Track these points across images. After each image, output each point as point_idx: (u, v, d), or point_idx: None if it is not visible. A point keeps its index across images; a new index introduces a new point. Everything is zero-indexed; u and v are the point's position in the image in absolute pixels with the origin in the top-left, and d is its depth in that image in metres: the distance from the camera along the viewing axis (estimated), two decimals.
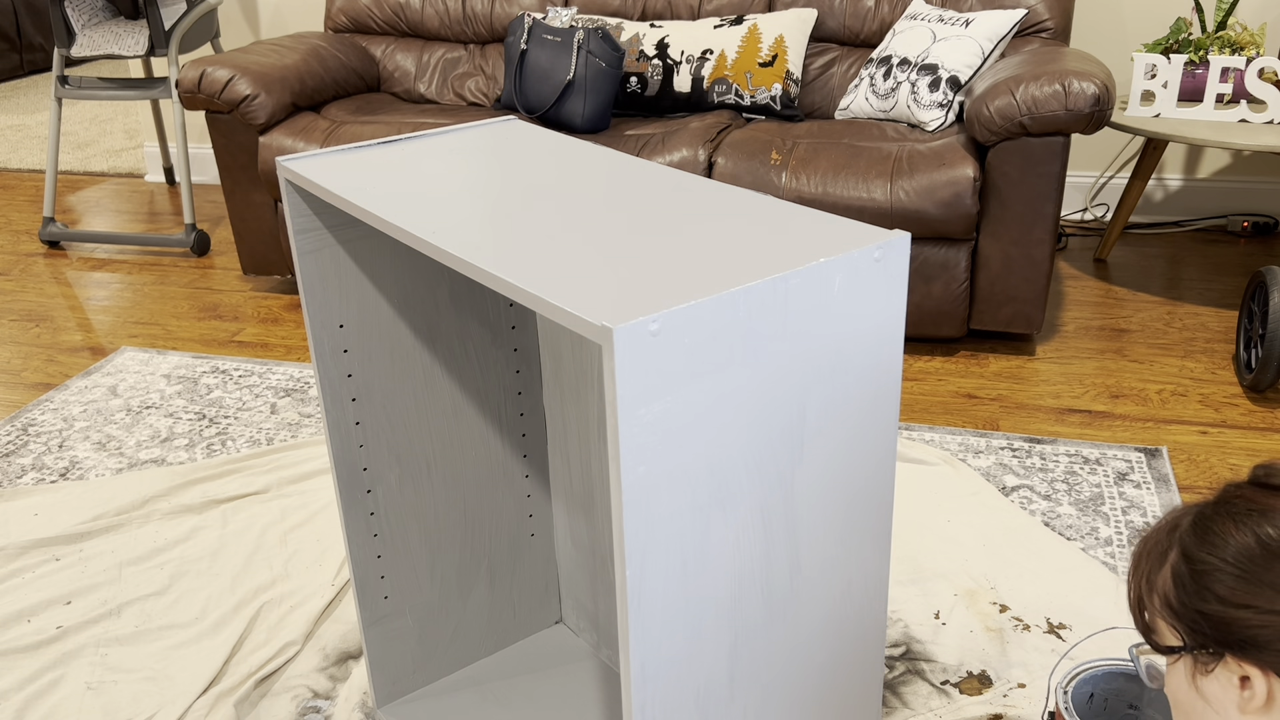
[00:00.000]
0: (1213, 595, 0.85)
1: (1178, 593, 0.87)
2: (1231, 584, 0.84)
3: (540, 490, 1.66)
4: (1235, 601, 0.83)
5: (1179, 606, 0.87)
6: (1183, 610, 0.87)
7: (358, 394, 1.44)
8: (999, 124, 2.48)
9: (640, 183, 1.18)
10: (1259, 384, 2.41)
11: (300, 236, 1.33)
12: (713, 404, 0.91)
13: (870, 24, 3.11)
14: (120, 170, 4.56)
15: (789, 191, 2.61)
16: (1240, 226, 3.43)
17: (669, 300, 0.86)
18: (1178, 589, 0.87)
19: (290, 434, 2.43)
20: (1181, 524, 0.91)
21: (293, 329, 3.00)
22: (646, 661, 0.95)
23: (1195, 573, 0.86)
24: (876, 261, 0.98)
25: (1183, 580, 0.87)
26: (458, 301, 1.48)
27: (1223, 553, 0.85)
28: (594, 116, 2.89)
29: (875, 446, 1.07)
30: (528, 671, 1.68)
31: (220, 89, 2.92)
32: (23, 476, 2.30)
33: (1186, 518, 0.91)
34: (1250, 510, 0.86)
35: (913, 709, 1.61)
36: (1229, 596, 0.84)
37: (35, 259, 3.61)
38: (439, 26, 3.42)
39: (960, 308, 2.64)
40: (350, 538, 1.50)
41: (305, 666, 1.73)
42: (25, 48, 6.64)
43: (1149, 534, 0.95)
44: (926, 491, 2.13)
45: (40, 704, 1.67)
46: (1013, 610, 1.80)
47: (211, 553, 2.02)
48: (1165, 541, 0.91)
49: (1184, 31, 3.06)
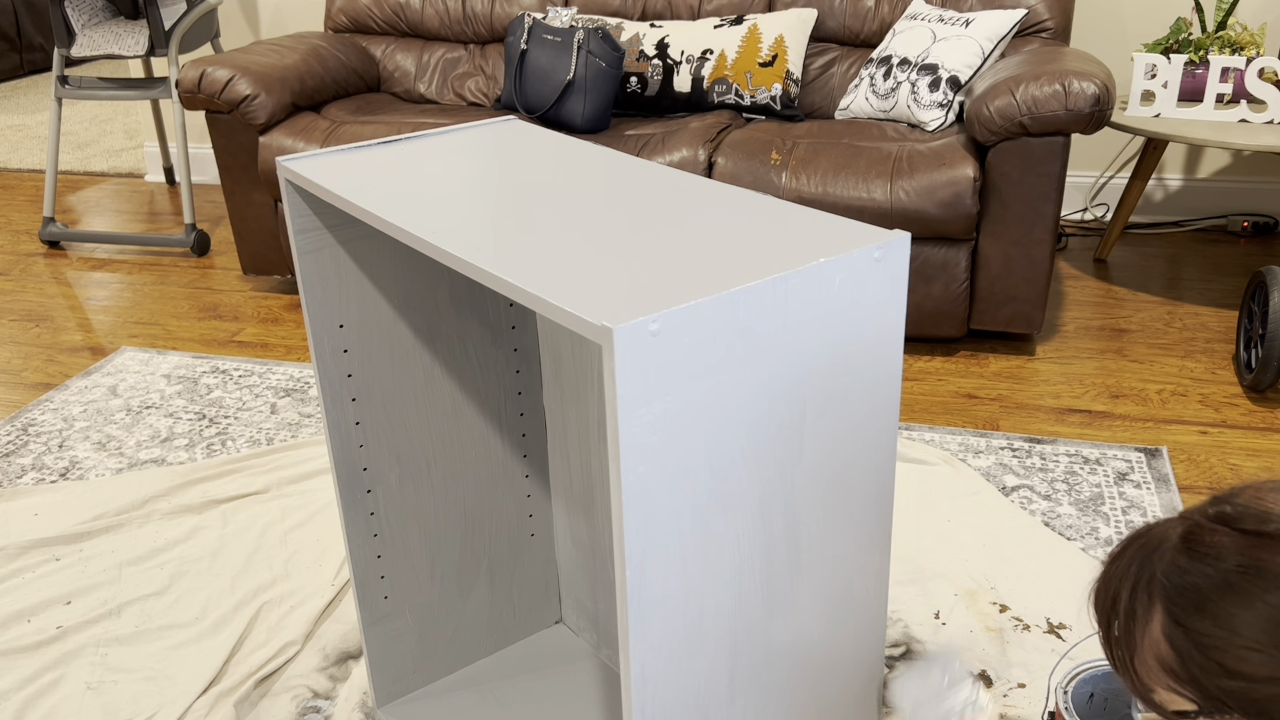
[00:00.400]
0: (1231, 673, 0.77)
1: (1183, 664, 0.80)
2: (1251, 660, 0.76)
3: (540, 490, 1.66)
4: (1261, 676, 0.76)
5: (1186, 676, 0.80)
6: (1192, 680, 0.80)
7: (358, 394, 1.44)
8: (999, 124, 2.48)
9: (640, 183, 1.18)
10: (1259, 384, 2.41)
11: (300, 236, 1.33)
12: (713, 404, 0.91)
13: (870, 24, 3.11)
14: (120, 170, 4.56)
15: (789, 191, 2.61)
16: (1240, 226, 3.43)
17: (669, 300, 0.86)
18: (1182, 660, 0.80)
19: (290, 434, 2.43)
20: (1155, 575, 0.82)
21: (293, 329, 3.00)
22: (646, 661, 0.95)
23: (1201, 647, 0.78)
24: (876, 261, 0.98)
25: (1185, 652, 0.79)
26: (458, 301, 1.48)
27: (1229, 625, 0.77)
28: (594, 116, 2.89)
29: (875, 446, 1.07)
30: (528, 671, 1.68)
31: (220, 89, 2.92)
32: (23, 476, 2.30)
33: (1158, 567, 0.82)
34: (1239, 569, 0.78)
35: None
36: (1254, 674, 0.76)
37: (35, 259, 3.61)
38: (439, 26, 3.42)
39: (960, 308, 2.65)
40: (350, 538, 1.50)
41: (305, 666, 1.73)
42: (25, 48, 6.64)
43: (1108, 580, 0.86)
44: (926, 491, 2.13)
45: (40, 704, 1.67)
46: (1013, 610, 1.80)
47: (211, 553, 2.02)
48: (1142, 597, 0.83)
49: (1184, 31, 3.06)
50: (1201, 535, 0.81)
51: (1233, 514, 0.81)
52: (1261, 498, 0.81)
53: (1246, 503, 0.81)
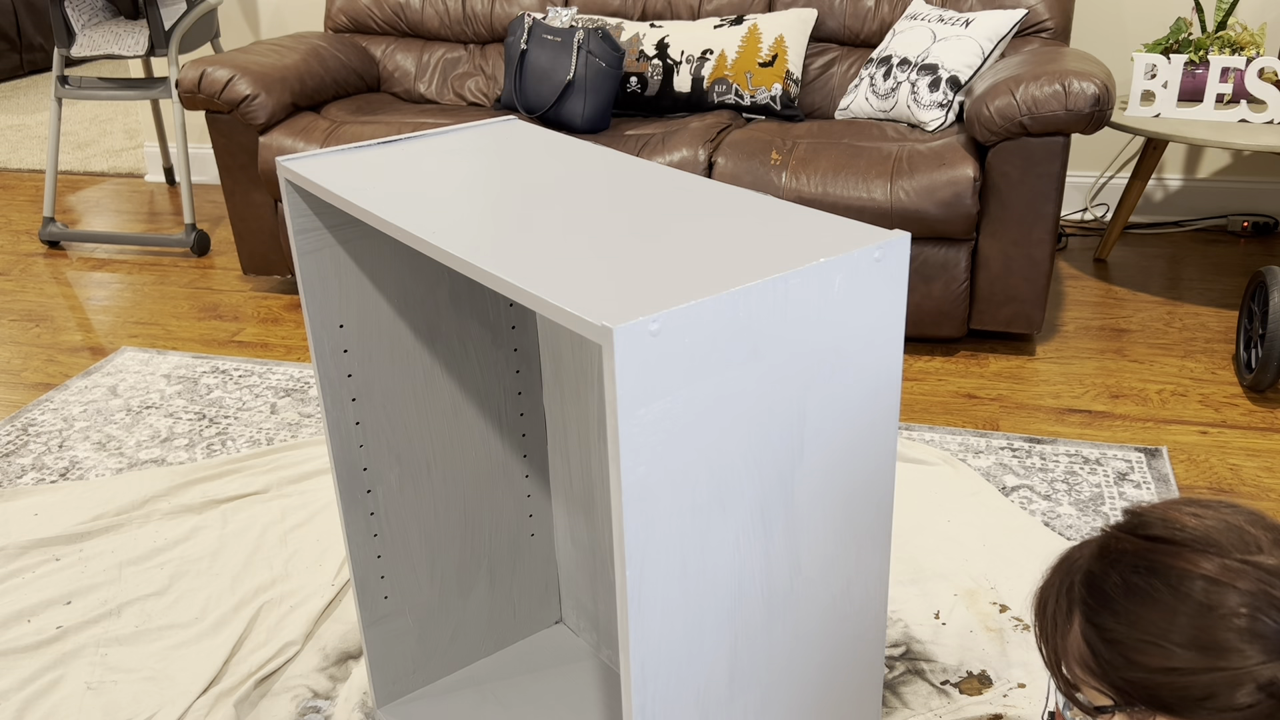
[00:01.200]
0: (1133, 664, 0.84)
1: (1096, 660, 0.87)
2: (1148, 652, 0.83)
3: (540, 490, 1.66)
4: (1155, 667, 0.83)
5: (1099, 671, 0.87)
6: (1104, 675, 0.86)
7: (358, 394, 1.44)
8: (999, 124, 2.48)
9: (640, 183, 1.18)
10: (1259, 384, 2.41)
11: (300, 236, 1.33)
12: (713, 404, 0.91)
13: (870, 24, 3.11)
14: (120, 170, 4.56)
15: (789, 191, 2.61)
16: (1240, 226, 3.43)
17: (669, 300, 0.86)
18: (1095, 656, 0.87)
19: (290, 434, 2.43)
20: (1074, 582, 0.90)
21: (293, 329, 3.00)
22: (646, 661, 0.95)
23: (1107, 641, 0.86)
24: (876, 261, 0.98)
25: (1095, 648, 0.87)
26: (458, 301, 1.48)
27: (1129, 620, 0.84)
28: (594, 116, 2.89)
29: (875, 446, 1.07)
30: (528, 671, 1.68)
31: (220, 89, 2.92)
32: (23, 476, 2.30)
33: (1076, 574, 0.90)
34: (1138, 567, 0.85)
35: (913, 709, 1.61)
36: (1148, 663, 0.83)
37: (35, 259, 3.61)
38: (439, 26, 3.42)
39: (960, 308, 2.65)
40: (350, 538, 1.50)
41: (305, 666, 1.73)
42: (25, 48, 6.64)
43: (1042, 591, 0.94)
44: (926, 491, 2.13)
45: (40, 704, 1.67)
46: (1013, 610, 1.80)
47: (211, 553, 2.02)
48: (1063, 602, 0.90)
49: (1184, 31, 3.06)
50: (1110, 544, 0.89)
51: (1139, 523, 0.89)
52: (1169, 510, 0.89)
53: (1154, 513, 0.90)
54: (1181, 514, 0.88)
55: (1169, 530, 0.87)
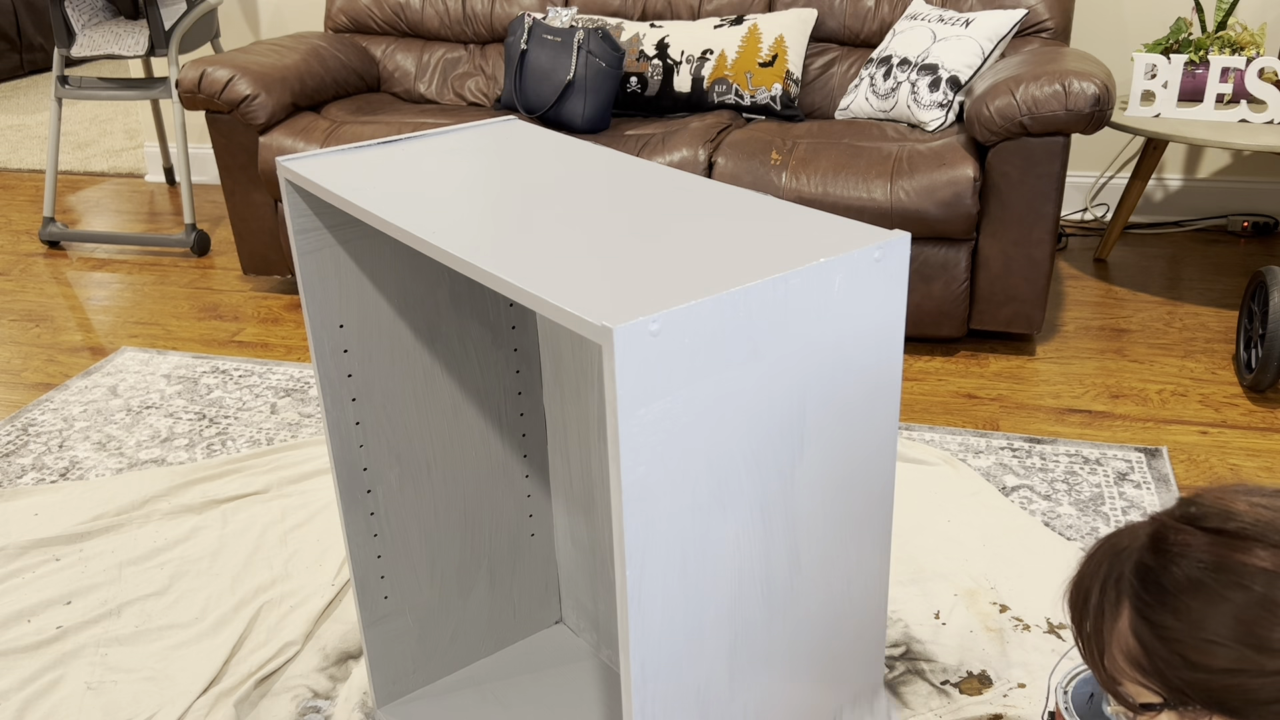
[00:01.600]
0: (1192, 665, 0.80)
1: (1149, 657, 0.83)
2: (1211, 653, 0.79)
3: (540, 490, 1.66)
4: (1219, 668, 0.79)
5: (1151, 669, 0.83)
6: (1157, 673, 0.82)
7: (358, 394, 1.44)
8: (999, 124, 2.48)
9: (640, 183, 1.18)
10: (1259, 384, 2.41)
11: (300, 236, 1.33)
12: (713, 404, 0.91)
13: (870, 24, 3.11)
14: (120, 170, 4.56)
15: (789, 191, 2.61)
16: (1240, 226, 3.43)
17: (669, 300, 0.86)
18: (1148, 653, 0.83)
19: (290, 434, 2.43)
20: (1124, 573, 0.85)
21: (293, 329, 3.00)
22: (646, 661, 0.95)
23: (1165, 640, 0.81)
24: (876, 261, 0.98)
25: (1150, 645, 0.82)
26: (458, 301, 1.48)
27: (1191, 619, 0.80)
28: (594, 116, 2.89)
29: (875, 446, 1.07)
30: (528, 671, 1.68)
31: (220, 89, 2.92)
32: (23, 476, 2.30)
33: (1126, 564, 0.86)
34: (1201, 565, 0.81)
35: (913, 709, 1.61)
36: (1211, 665, 0.79)
37: (35, 259, 3.61)
38: (439, 26, 3.42)
39: (960, 308, 2.64)
40: (350, 538, 1.50)
41: (305, 666, 1.73)
42: (25, 48, 6.64)
43: (1082, 578, 0.90)
44: (926, 491, 2.13)
45: (40, 704, 1.67)
46: (1013, 610, 1.80)
47: (211, 553, 2.02)
48: (1111, 593, 0.86)
49: (1184, 31, 3.06)
50: (1168, 535, 0.84)
51: (1197, 514, 0.84)
52: (1225, 499, 0.84)
53: (1211, 503, 0.85)
54: (1240, 503, 0.83)
55: (1229, 522, 0.82)
